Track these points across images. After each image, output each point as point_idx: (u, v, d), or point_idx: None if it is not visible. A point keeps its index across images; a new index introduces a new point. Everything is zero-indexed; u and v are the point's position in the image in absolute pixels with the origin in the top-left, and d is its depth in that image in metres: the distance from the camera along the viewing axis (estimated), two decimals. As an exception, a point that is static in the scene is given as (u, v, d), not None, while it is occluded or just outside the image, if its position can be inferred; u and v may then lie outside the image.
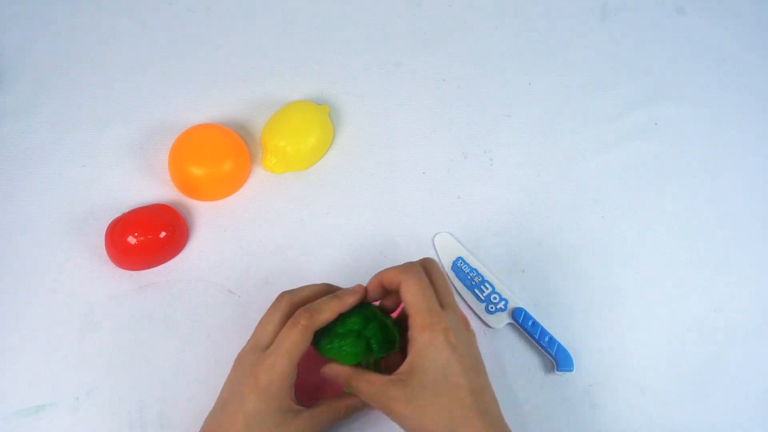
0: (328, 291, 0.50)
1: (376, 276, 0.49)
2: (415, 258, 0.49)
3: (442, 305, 0.46)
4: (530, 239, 0.62)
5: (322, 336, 0.49)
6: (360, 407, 0.50)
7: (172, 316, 0.57)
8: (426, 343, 0.44)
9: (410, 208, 0.63)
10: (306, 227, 0.62)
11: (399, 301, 0.49)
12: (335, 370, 0.48)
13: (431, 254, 0.60)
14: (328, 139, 0.65)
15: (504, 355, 0.56)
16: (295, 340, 0.46)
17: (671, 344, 0.57)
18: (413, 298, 0.46)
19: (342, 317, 0.49)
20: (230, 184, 0.62)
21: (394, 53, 0.71)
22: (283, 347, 0.46)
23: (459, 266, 0.59)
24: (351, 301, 0.49)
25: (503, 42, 0.72)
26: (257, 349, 0.47)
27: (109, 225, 0.58)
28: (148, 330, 0.57)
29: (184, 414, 0.53)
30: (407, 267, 0.48)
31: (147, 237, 0.57)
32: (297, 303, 0.49)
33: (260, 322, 0.49)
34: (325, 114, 0.65)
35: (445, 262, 0.60)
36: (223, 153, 0.61)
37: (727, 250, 0.62)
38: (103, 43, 0.71)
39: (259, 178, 0.64)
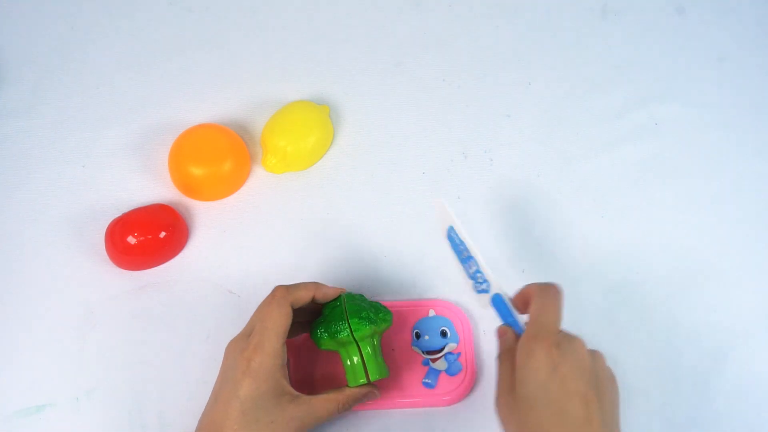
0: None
1: (521, 291, 0.48)
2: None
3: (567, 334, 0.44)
4: (530, 239, 0.62)
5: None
6: (360, 399, 0.50)
7: (172, 316, 0.57)
8: (526, 353, 0.42)
9: (410, 208, 0.63)
10: (306, 227, 0.62)
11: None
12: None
13: (431, 228, 0.55)
14: (328, 139, 0.65)
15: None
16: (275, 315, 0.47)
17: (671, 344, 0.57)
18: (534, 311, 0.45)
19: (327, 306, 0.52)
20: (230, 184, 0.62)
21: (394, 53, 0.71)
22: (265, 325, 0.47)
23: (452, 236, 0.52)
24: (329, 291, 0.51)
25: (503, 42, 0.72)
26: (244, 335, 0.48)
27: (109, 225, 0.58)
28: (148, 330, 0.57)
29: (184, 414, 0.53)
30: (546, 284, 0.46)
31: (147, 237, 0.57)
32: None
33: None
34: (325, 114, 0.65)
35: (441, 230, 0.53)
36: (223, 153, 0.61)
37: (728, 249, 0.62)
38: (103, 43, 0.71)
39: (259, 178, 0.64)
